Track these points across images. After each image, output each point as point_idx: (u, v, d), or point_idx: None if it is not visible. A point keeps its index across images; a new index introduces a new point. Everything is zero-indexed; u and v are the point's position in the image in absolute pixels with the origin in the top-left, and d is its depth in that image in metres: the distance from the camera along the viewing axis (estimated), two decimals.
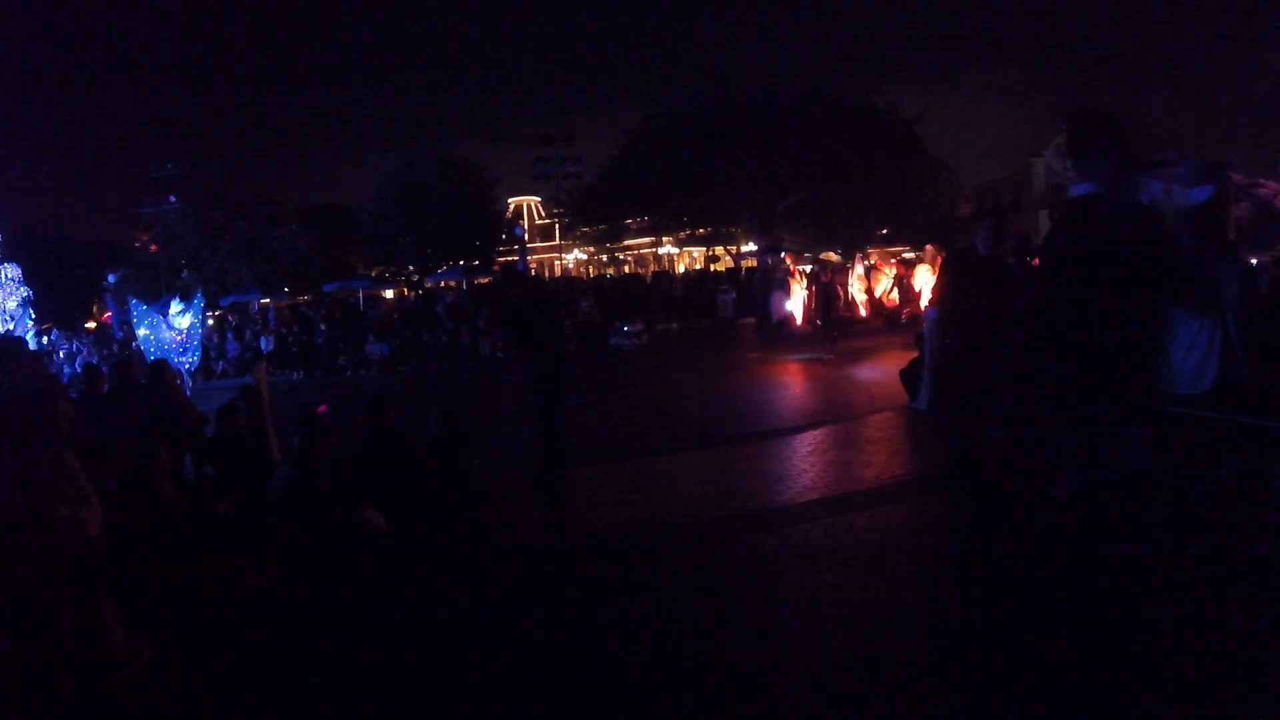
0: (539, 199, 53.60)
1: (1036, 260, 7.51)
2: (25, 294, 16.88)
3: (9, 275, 16.57)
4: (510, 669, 3.65)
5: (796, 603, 4.03)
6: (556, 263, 50.87)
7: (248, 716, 3.52)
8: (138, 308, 14.26)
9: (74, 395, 7.50)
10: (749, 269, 34.25)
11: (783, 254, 19.39)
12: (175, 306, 14.36)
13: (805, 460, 7.17)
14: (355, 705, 3.44)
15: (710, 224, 38.54)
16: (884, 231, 36.75)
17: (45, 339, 22.27)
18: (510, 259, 40.62)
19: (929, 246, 13.48)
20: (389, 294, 38.21)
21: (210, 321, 31.14)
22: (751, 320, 21.79)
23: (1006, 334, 6.20)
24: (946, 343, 5.45)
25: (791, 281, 17.59)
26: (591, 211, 39.29)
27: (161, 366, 7.96)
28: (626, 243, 46.55)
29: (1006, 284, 5.88)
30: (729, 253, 40.75)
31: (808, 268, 33.02)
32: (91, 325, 36.57)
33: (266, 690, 3.67)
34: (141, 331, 13.72)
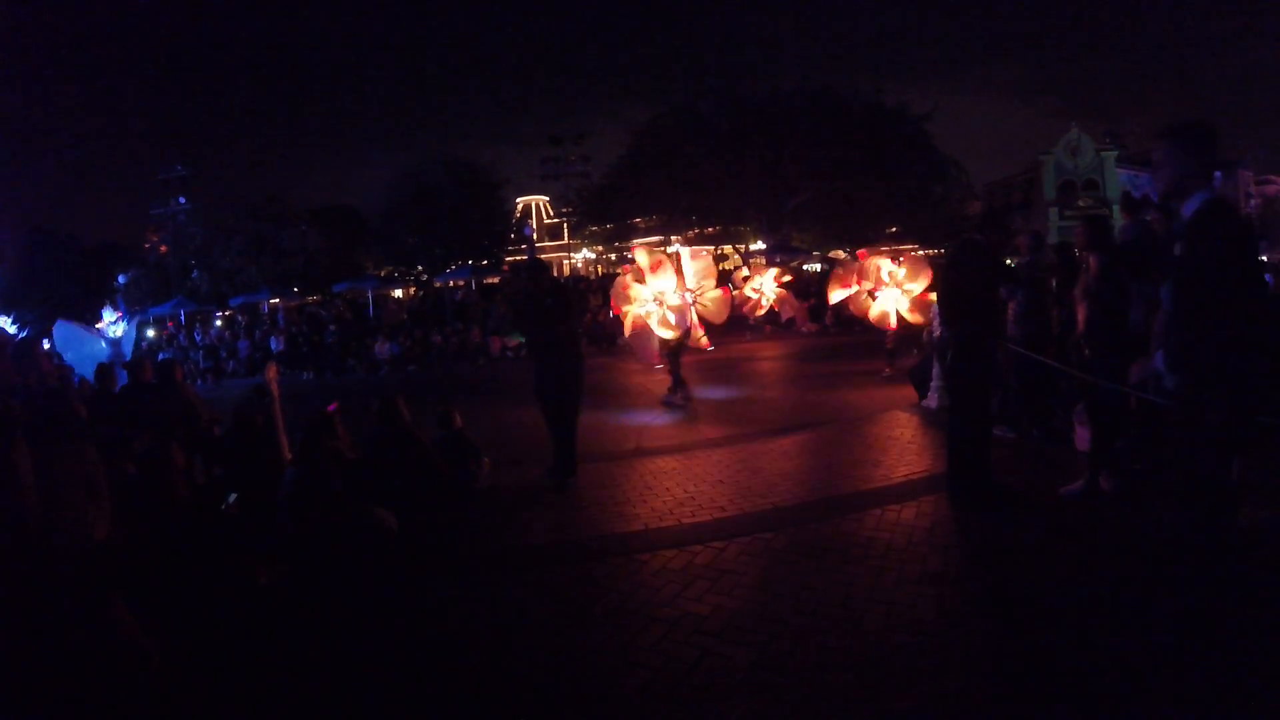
0: (548, 198, 53.75)
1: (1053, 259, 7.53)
2: None
3: None
4: (519, 667, 3.66)
5: (804, 602, 4.04)
6: (565, 262, 50.94)
7: (257, 716, 3.55)
8: (63, 328, 13.97)
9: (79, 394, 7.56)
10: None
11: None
12: (109, 315, 14.26)
13: (814, 459, 7.18)
14: (365, 704, 3.46)
15: (718, 223, 38.57)
16: (893, 230, 36.71)
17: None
18: (519, 258, 40.68)
19: (865, 256, 10.89)
20: (398, 293, 38.31)
21: (219, 322, 31.37)
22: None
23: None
24: (951, 339, 5.43)
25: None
26: (600, 211, 39.35)
27: (171, 367, 8.02)
28: (635, 242, 46.64)
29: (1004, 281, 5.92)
30: (737, 251, 40.78)
31: (818, 267, 32.83)
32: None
33: (276, 689, 3.69)
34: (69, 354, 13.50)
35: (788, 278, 20.13)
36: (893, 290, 11.33)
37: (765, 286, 17.35)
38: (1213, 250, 3.11)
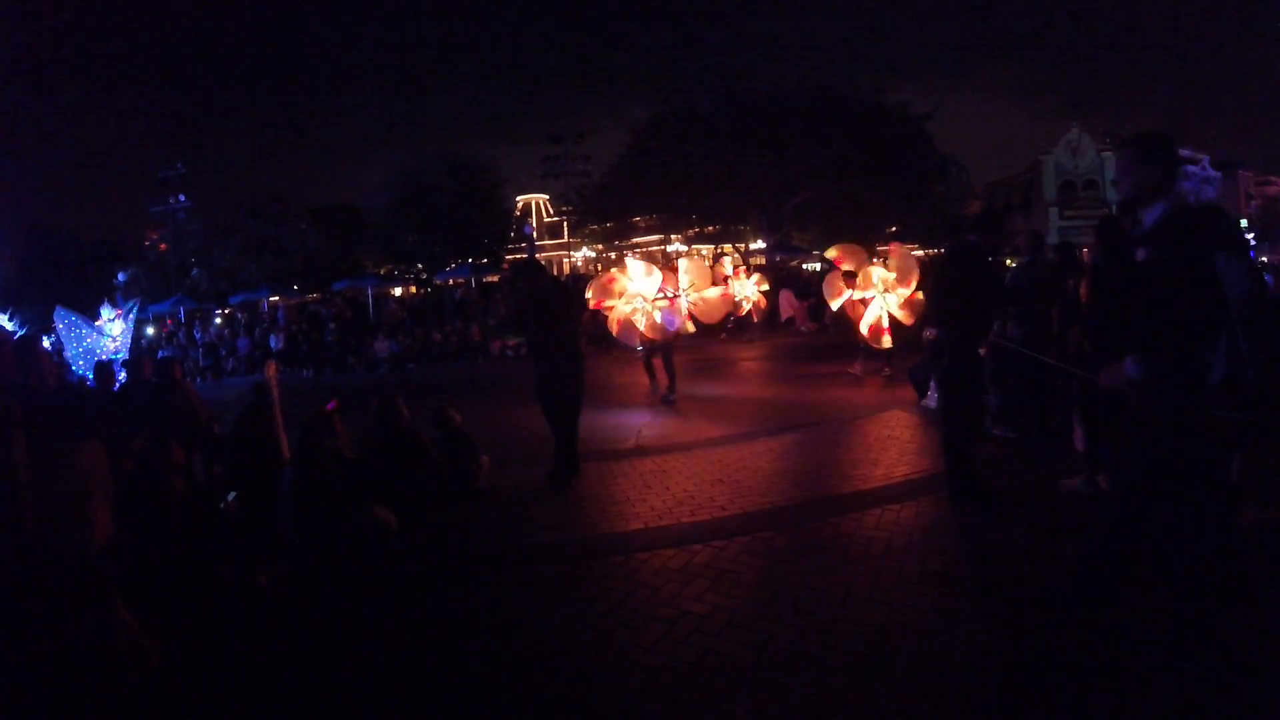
0: (548, 197, 53.74)
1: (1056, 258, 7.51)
2: None
3: None
4: (519, 667, 3.66)
5: (804, 602, 4.04)
6: (565, 260, 50.92)
7: (257, 716, 3.54)
8: (64, 317, 13.94)
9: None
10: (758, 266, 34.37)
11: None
12: (108, 313, 14.25)
13: (813, 458, 7.16)
14: (364, 704, 3.46)
15: (719, 222, 38.58)
16: (893, 229, 36.72)
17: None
18: (519, 257, 40.67)
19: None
20: (398, 292, 38.29)
21: (219, 320, 31.37)
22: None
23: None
24: (945, 339, 5.42)
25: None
26: (600, 209, 39.36)
27: (170, 364, 8.01)
28: (635, 240, 46.64)
29: (1000, 280, 5.94)
30: (738, 250, 40.81)
31: (818, 266, 32.80)
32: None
33: (276, 689, 3.69)
34: (71, 348, 13.54)
35: (750, 263, 19.95)
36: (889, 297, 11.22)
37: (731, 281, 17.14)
38: (1178, 255, 3.14)
